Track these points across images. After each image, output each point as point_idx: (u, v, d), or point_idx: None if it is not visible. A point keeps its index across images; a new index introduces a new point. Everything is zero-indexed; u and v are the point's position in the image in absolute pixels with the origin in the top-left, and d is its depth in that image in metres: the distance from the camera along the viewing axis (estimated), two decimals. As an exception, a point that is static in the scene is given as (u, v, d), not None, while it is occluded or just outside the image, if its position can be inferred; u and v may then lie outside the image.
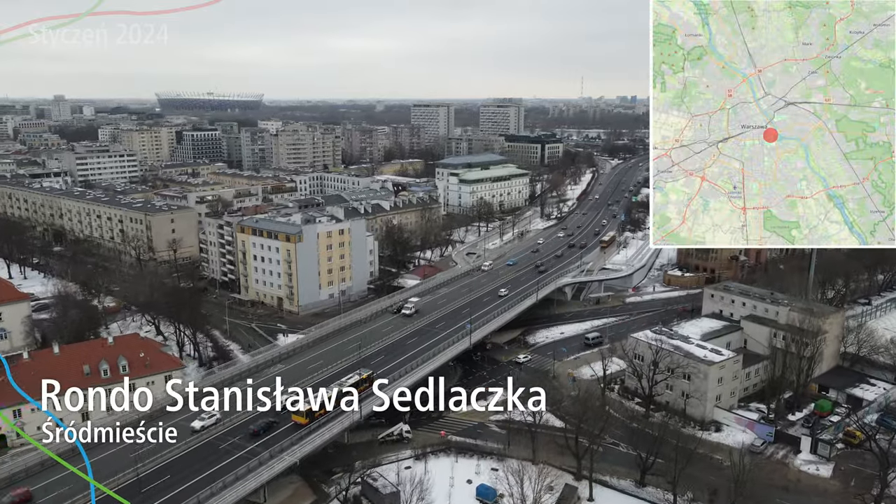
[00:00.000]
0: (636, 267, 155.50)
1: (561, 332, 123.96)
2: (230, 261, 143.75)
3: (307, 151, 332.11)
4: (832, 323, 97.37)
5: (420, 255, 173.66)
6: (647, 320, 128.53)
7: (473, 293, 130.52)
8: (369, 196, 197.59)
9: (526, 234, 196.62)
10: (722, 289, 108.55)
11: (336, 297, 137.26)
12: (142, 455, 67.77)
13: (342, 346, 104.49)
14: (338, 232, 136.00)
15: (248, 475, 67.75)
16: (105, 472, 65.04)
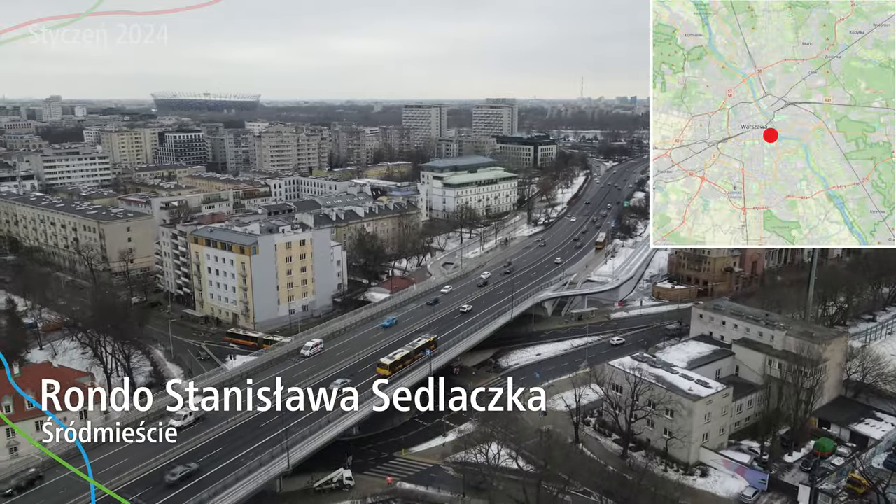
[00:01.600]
0: (623, 279, 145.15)
1: (538, 352, 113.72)
2: (185, 273, 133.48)
3: (291, 153, 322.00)
4: (834, 349, 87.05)
5: (394, 265, 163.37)
6: (632, 339, 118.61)
7: (441, 310, 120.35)
8: (345, 202, 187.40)
9: (510, 242, 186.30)
10: (712, 308, 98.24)
11: (297, 312, 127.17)
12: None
13: (295, 370, 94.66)
14: (298, 243, 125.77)
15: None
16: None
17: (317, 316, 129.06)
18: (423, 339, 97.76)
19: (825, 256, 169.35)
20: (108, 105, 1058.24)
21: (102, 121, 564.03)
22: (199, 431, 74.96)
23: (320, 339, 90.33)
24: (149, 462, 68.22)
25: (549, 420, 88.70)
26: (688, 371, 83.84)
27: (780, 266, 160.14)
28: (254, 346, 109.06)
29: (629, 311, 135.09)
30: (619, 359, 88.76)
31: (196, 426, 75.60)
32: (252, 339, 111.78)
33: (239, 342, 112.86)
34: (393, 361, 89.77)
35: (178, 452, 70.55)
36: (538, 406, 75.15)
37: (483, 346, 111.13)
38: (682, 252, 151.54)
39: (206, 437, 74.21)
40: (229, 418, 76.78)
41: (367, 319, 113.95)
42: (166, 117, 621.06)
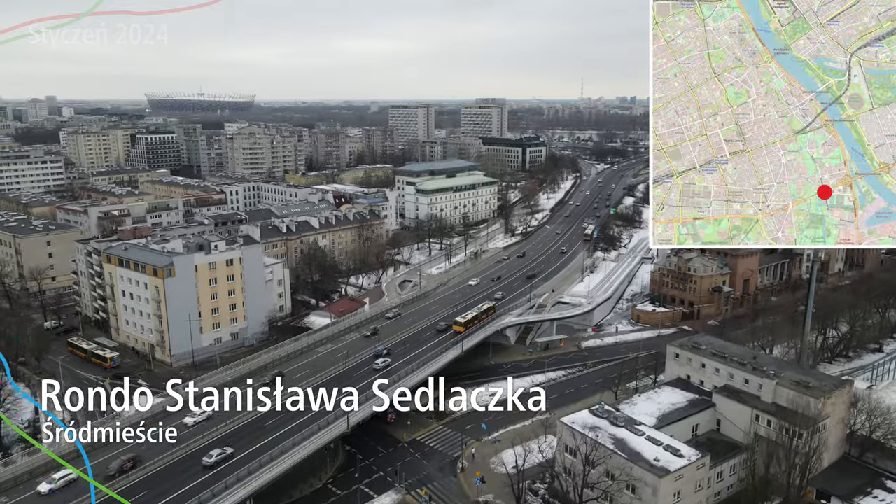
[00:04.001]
0: (599, 300, 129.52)
1: (492, 392, 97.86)
2: (102, 296, 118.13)
3: (265, 156, 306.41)
4: (836, 403, 71.61)
5: (346, 283, 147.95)
6: (602, 375, 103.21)
7: (384, 340, 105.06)
8: (303, 210, 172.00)
9: (481, 255, 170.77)
10: (690, 347, 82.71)
11: (225, 342, 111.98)
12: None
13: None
14: (224, 262, 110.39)
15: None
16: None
17: (248, 345, 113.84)
18: (487, 304, 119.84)
19: (825, 271, 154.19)
20: (104, 105, 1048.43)
21: (87, 122, 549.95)
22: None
23: (212, 395, 73.04)
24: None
25: (491, 487, 73.61)
26: (656, 432, 68.39)
27: (776, 283, 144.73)
28: (111, 369, 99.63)
29: (604, 339, 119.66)
30: (574, 413, 73.23)
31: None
32: (100, 357, 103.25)
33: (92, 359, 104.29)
34: (466, 320, 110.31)
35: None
36: (538, 406, 72.52)
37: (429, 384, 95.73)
38: (665, 270, 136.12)
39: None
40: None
41: (280, 360, 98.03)
42: (153, 118, 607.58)
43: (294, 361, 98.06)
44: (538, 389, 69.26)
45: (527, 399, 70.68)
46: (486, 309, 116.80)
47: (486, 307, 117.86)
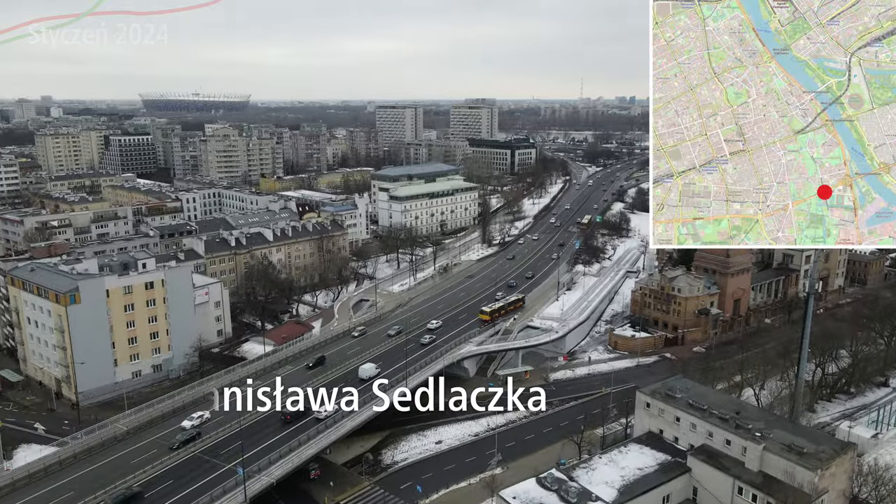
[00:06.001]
0: (574, 323, 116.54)
1: (438, 439, 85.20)
2: (10, 322, 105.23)
3: (240, 159, 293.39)
4: (836, 473, 58.63)
5: (299, 301, 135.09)
6: (569, 415, 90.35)
7: (326, 374, 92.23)
8: (262, 220, 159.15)
9: (452, 268, 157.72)
10: (663, 396, 69.63)
11: (145, 375, 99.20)
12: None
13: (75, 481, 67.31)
14: (143, 286, 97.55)
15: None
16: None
17: (174, 378, 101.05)
18: (515, 297, 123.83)
19: (824, 288, 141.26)
20: (100, 105, 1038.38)
21: (74, 122, 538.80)
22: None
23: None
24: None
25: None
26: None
27: (770, 302, 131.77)
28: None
29: (575, 370, 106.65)
30: (517, 485, 60.15)
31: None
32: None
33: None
34: (492, 310, 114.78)
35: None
36: (538, 406, 74.87)
37: (367, 430, 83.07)
38: (647, 289, 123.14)
39: None
40: None
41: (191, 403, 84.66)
42: (141, 118, 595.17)
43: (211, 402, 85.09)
44: (538, 389, 69.20)
45: (526, 399, 70.36)
46: (515, 300, 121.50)
47: (513, 299, 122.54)
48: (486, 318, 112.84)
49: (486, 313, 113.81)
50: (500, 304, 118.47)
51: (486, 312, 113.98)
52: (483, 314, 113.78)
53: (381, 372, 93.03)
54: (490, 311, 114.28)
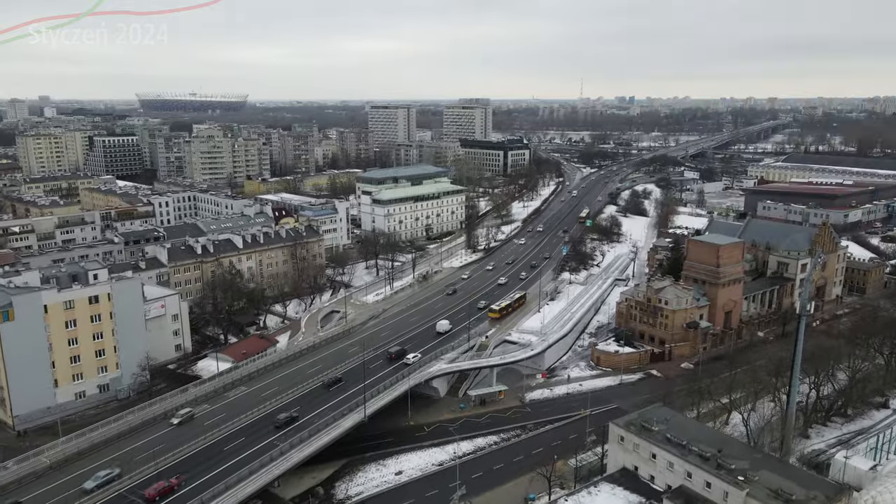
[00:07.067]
0: (554, 338, 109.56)
1: (399, 469, 78.23)
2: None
3: (225, 161, 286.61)
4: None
5: (266, 312, 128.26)
6: (543, 441, 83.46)
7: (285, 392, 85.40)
8: (235, 225, 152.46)
9: (432, 276, 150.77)
10: (638, 428, 62.83)
11: (90, 396, 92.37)
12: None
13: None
14: (87, 300, 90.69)
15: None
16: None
17: (123, 398, 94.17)
18: (518, 294, 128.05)
19: (821, 298, 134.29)
20: (98, 105, 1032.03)
21: (67, 122, 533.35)
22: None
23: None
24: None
25: None
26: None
27: (764, 313, 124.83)
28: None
29: (553, 389, 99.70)
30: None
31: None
32: None
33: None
34: (501, 307, 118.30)
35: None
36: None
37: (324, 457, 76.33)
38: (632, 301, 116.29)
39: None
40: None
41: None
42: (134, 118, 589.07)
43: (151, 430, 78.46)
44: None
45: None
46: (519, 297, 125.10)
47: (517, 296, 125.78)
48: (495, 315, 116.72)
49: (495, 311, 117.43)
50: (507, 301, 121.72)
51: (495, 310, 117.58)
52: (493, 312, 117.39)
53: (453, 328, 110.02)
54: (499, 308, 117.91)
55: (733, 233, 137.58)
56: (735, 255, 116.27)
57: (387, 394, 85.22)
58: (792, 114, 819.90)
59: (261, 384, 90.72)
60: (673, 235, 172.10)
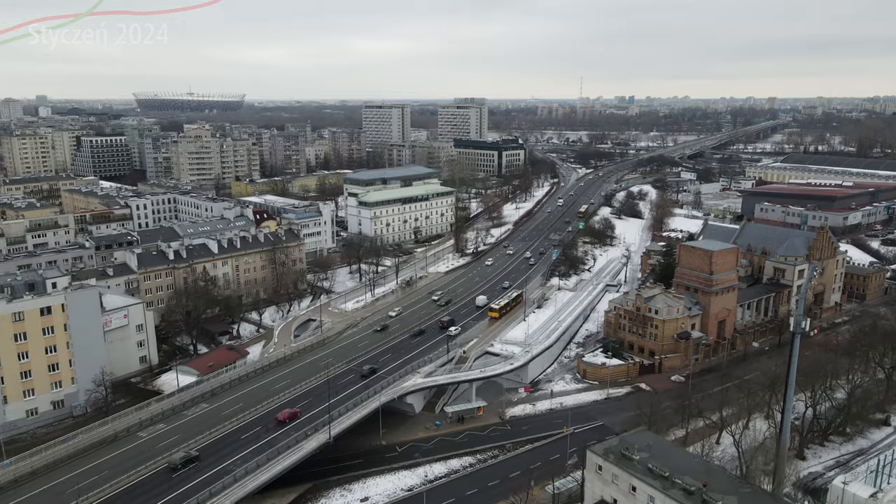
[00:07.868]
0: (539, 349, 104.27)
1: (365, 496, 72.91)
2: None
3: (213, 161, 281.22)
4: (823, 571, 46.48)
5: (240, 320, 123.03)
6: (522, 463, 78.17)
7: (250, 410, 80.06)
8: (213, 229, 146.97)
9: (416, 282, 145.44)
10: (618, 457, 57.53)
11: (44, 413, 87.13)
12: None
13: None
14: (38, 312, 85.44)
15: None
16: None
17: (79, 414, 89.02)
18: (516, 292, 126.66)
19: (819, 305, 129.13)
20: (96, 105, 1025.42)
21: (59, 122, 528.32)
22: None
23: None
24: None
25: None
26: None
27: (759, 322, 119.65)
28: None
29: (536, 404, 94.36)
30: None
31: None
32: None
33: None
34: (500, 306, 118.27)
35: None
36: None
37: (287, 481, 71.04)
38: (621, 310, 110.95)
39: None
40: None
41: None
42: (132, 118, 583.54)
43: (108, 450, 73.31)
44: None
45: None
46: (517, 296, 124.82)
47: (514, 294, 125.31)
48: (495, 314, 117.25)
49: (494, 310, 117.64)
50: (505, 300, 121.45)
51: (494, 309, 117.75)
52: (492, 311, 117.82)
53: (488, 303, 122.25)
54: (499, 307, 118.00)
55: (728, 237, 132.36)
56: (729, 262, 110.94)
57: (355, 412, 79.88)
58: (791, 113, 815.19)
59: (223, 401, 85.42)
60: (667, 239, 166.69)
